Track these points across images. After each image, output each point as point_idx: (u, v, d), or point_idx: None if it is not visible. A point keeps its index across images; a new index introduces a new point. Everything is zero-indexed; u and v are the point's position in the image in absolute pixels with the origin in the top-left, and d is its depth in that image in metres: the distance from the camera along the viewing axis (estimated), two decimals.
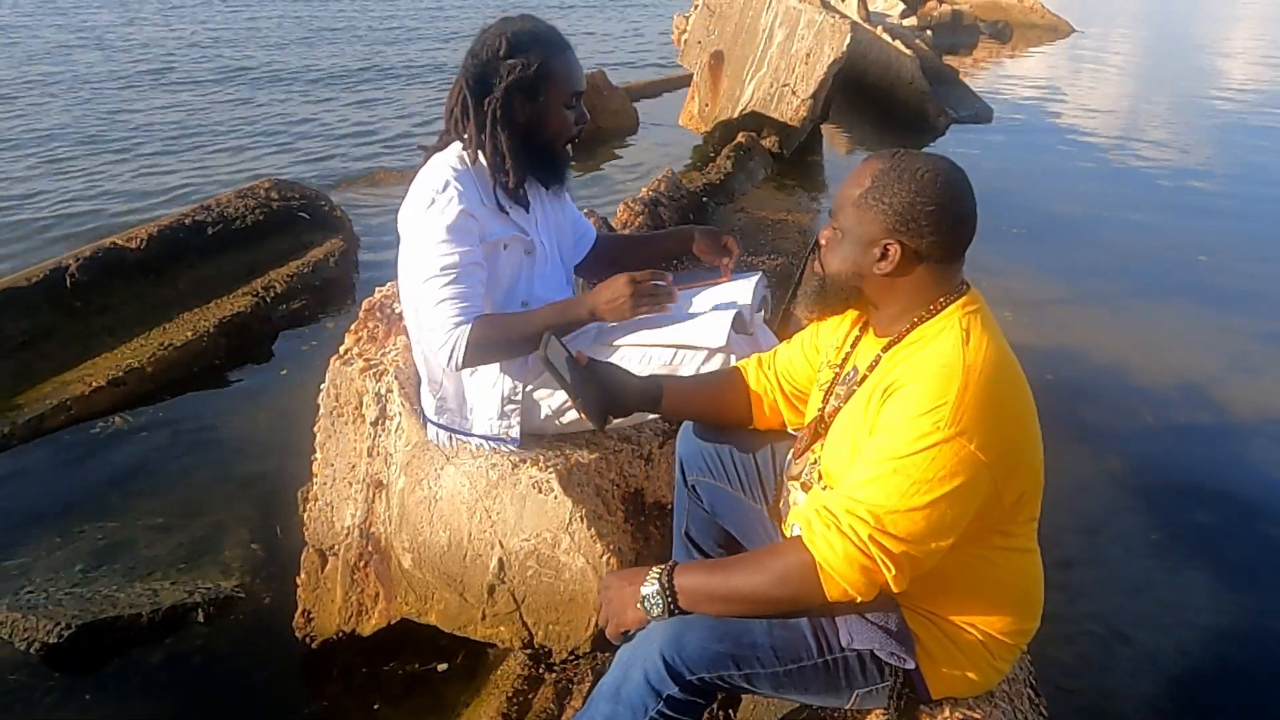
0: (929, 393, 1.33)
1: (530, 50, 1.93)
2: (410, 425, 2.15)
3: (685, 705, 1.47)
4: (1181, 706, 2.38)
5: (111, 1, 15.36)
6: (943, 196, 1.40)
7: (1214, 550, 2.97)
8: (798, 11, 6.75)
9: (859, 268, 1.46)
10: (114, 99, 8.99)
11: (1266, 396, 3.96)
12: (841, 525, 1.33)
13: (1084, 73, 13.23)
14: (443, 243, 1.88)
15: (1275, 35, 18.86)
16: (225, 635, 2.49)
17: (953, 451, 1.30)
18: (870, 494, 1.33)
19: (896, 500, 1.31)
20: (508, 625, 2.17)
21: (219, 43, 12.24)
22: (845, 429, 1.48)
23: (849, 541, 1.32)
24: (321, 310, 4.51)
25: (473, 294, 1.91)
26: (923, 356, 1.40)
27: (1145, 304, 4.92)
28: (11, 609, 2.46)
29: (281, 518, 2.87)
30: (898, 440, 1.33)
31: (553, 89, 1.96)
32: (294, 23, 14.19)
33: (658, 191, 4.60)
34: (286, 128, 8.37)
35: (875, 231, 1.42)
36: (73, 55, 10.99)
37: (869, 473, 1.35)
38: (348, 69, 10.84)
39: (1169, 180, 7.59)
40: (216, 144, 7.74)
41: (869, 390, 1.45)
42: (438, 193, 1.91)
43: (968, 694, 1.51)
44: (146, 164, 7.10)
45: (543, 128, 1.99)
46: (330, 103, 9.27)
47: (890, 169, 1.42)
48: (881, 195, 1.41)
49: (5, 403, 3.54)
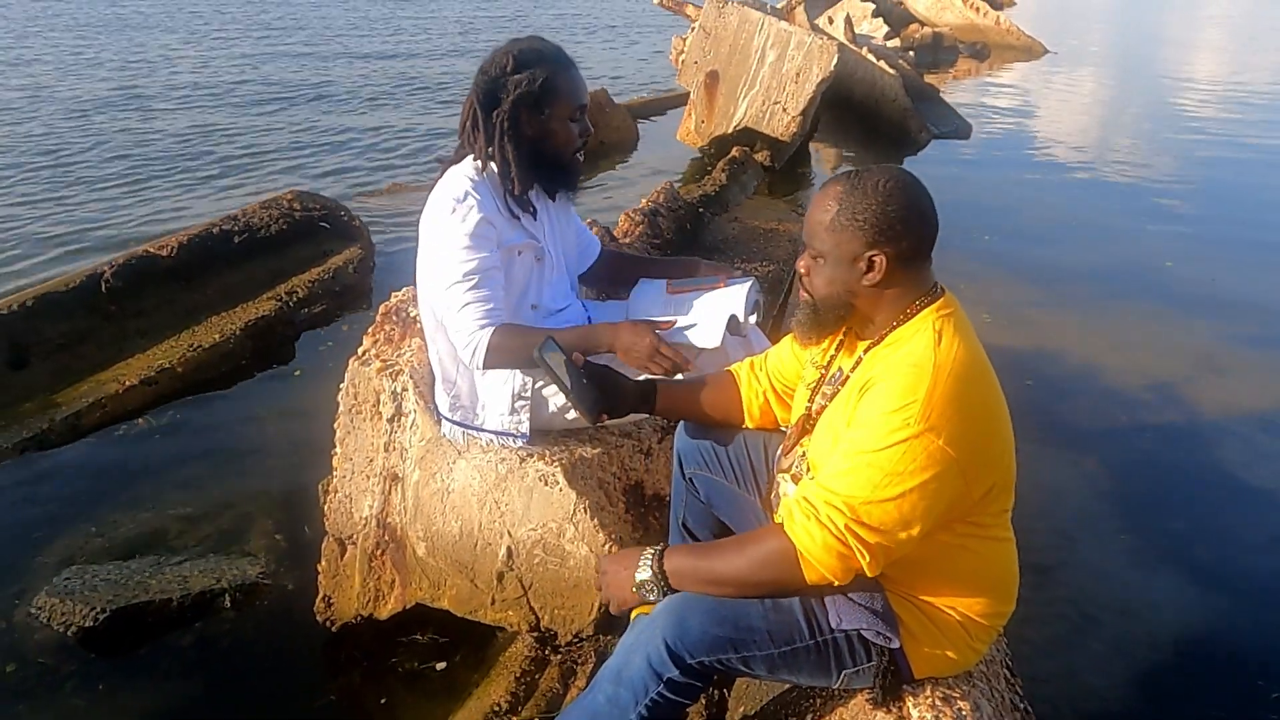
0: (900, 391, 1.34)
1: (535, 66, 1.93)
2: (424, 422, 2.15)
3: (684, 687, 1.47)
4: (1147, 686, 2.38)
5: (154, 26, 15.37)
6: (907, 199, 1.41)
7: (1181, 543, 2.96)
8: (788, 34, 6.75)
9: (848, 285, 1.45)
10: (152, 116, 9.00)
11: (1232, 395, 3.95)
12: (820, 516, 1.34)
13: (1056, 90, 13.22)
14: (465, 249, 1.89)
15: (1233, 57, 18.87)
16: (251, 619, 2.49)
17: (922, 446, 1.31)
18: (845, 485, 1.34)
19: (869, 491, 1.32)
20: (516, 610, 2.17)
21: (245, 66, 12.25)
22: (830, 423, 1.49)
23: (827, 531, 1.33)
24: (341, 314, 4.51)
25: (494, 298, 1.91)
26: (897, 356, 1.40)
27: (1116, 307, 4.91)
28: (50, 595, 2.46)
29: (303, 509, 2.87)
30: (871, 435, 1.34)
31: (557, 103, 1.96)
32: (313, 46, 14.22)
33: (657, 202, 4.59)
34: (309, 142, 8.37)
35: (855, 248, 1.42)
36: (109, 76, 10.99)
37: (844, 465, 1.35)
38: (365, 88, 10.84)
39: (1135, 191, 7.59)
40: (243, 158, 7.75)
41: (852, 388, 1.45)
42: (459, 201, 1.91)
43: (948, 673, 1.51)
44: (178, 176, 7.10)
45: (548, 139, 1.99)
46: (349, 119, 9.27)
47: (852, 188, 1.42)
48: (853, 214, 1.41)
49: (45, 401, 3.54)
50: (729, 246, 4.70)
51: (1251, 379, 4.13)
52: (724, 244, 4.73)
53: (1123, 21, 27.36)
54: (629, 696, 1.47)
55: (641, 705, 1.47)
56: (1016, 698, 1.64)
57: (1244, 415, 3.79)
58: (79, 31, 14.32)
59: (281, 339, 4.20)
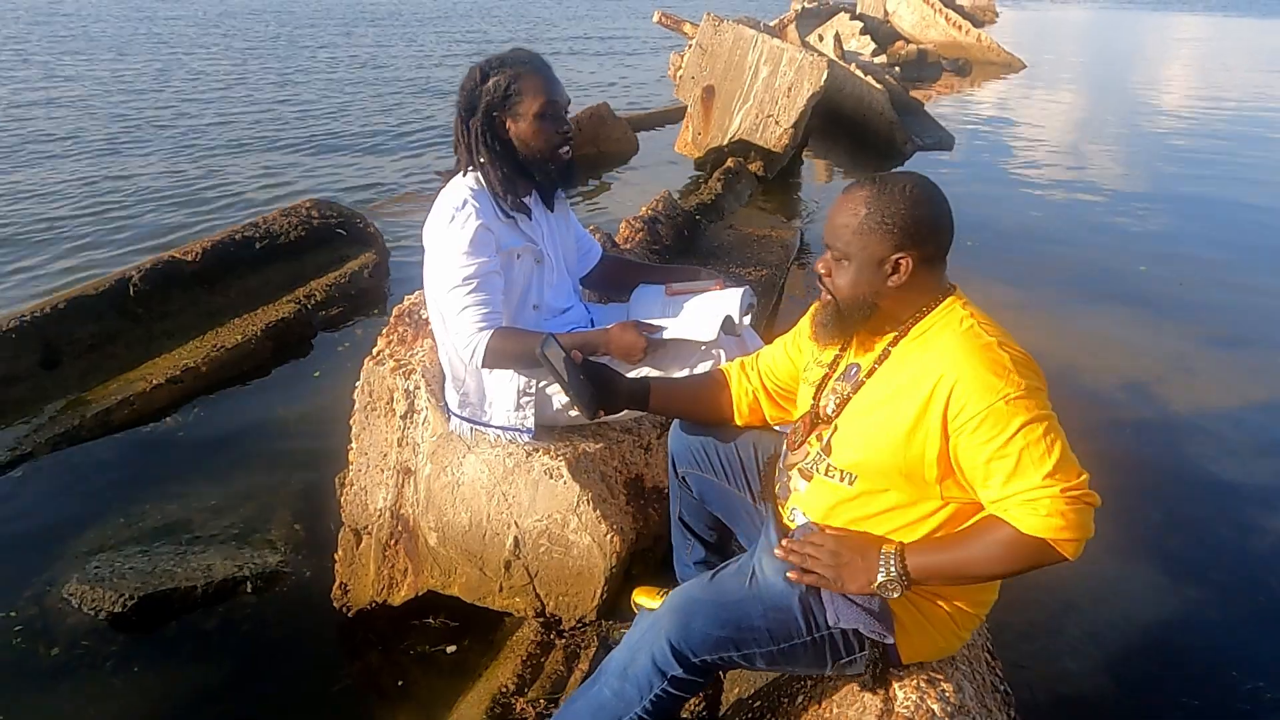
0: (986, 385, 1.32)
1: (500, 71, 1.94)
2: (435, 418, 2.15)
3: (686, 684, 1.48)
4: (1120, 669, 2.38)
5: (188, 47, 15.38)
6: (931, 204, 1.41)
7: (1154, 535, 2.96)
8: (780, 50, 6.75)
9: (874, 286, 1.42)
10: (184, 128, 9.00)
11: (1201, 394, 3.95)
12: (1049, 508, 1.28)
13: (1034, 104, 13.21)
14: (464, 254, 1.89)
15: (1202, 75, 18.87)
16: (271, 605, 2.49)
17: (1032, 402, 1.31)
18: (1026, 475, 1.30)
19: (1042, 465, 1.29)
20: (522, 596, 2.17)
21: (265, 83, 12.26)
22: (866, 419, 1.45)
23: (1065, 508, 1.28)
24: (356, 316, 4.51)
25: (493, 302, 1.92)
26: (950, 347, 1.37)
27: (1091, 309, 4.90)
28: (81, 582, 2.47)
29: (321, 501, 2.87)
30: (1001, 429, 1.30)
31: (526, 101, 1.94)
32: (333, 64, 14.23)
33: (656, 210, 4.60)
34: (327, 152, 8.38)
35: (883, 250, 1.40)
36: (148, 90, 10.99)
37: (1006, 467, 1.31)
38: (380, 104, 10.85)
39: (1110, 199, 7.58)
40: (263, 168, 7.75)
41: (892, 383, 1.42)
42: (457, 210, 1.91)
43: (934, 658, 1.51)
44: (202, 186, 7.11)
45: (524, 139, 1.96)
46: (364, 131, 9.28)
47: (880, 192, 1.41)
48: (882, 217, 1.39)
49: (76, 398, 3.54)
50: (724, 252, 4.70)
51: (1219, 378, 4.13)
52: (719, 250, 4.73)
53: (1097, 40, 27.37)
54: (634, 692, 1.48)
55: (646, 700, 1.48)
56: (997, 680, 1.65)
57: (1213, 412, 3.79)
58: (119, 50, 14.36)
59: (300, 340, 4.20)
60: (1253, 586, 2.70)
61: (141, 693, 2.21)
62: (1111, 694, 2.30)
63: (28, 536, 2.77)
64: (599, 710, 1.52)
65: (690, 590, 1.52)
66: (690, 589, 1.52)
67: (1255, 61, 21.81)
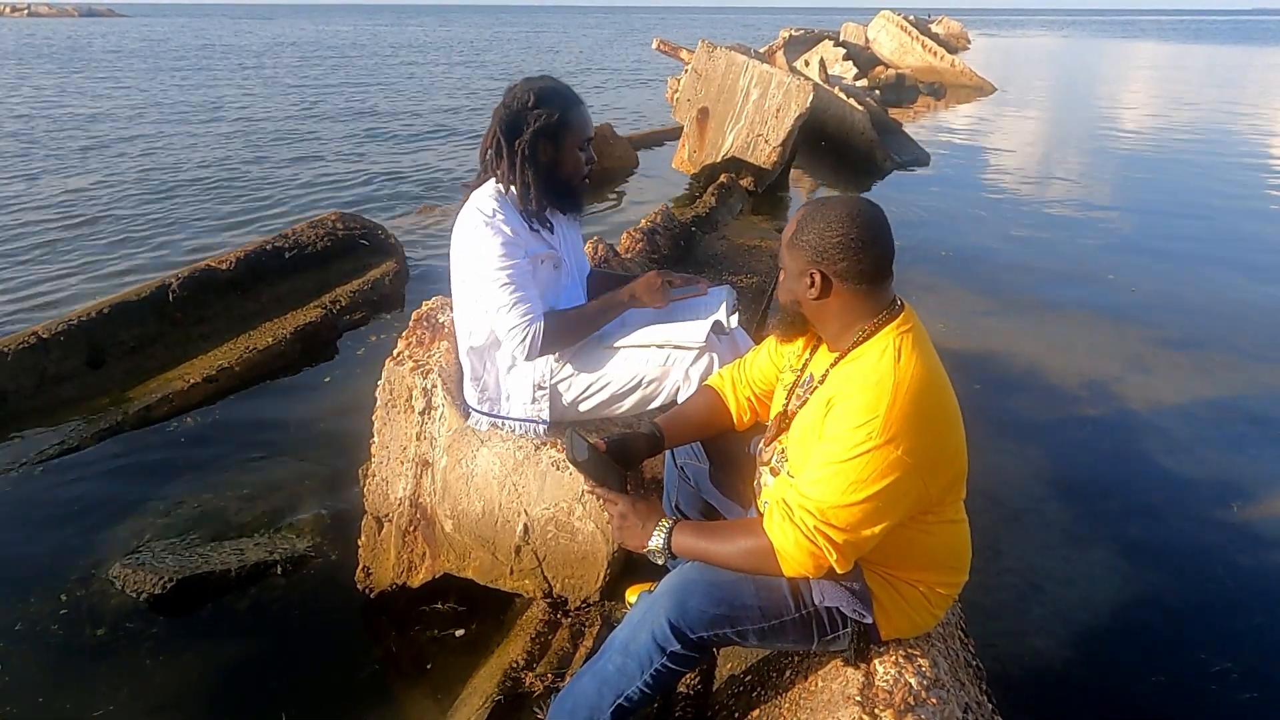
0: (863, 407, 1.32)
1: (553, 103, 1.95)
2: (451, 414, 2.15)
3: (684, 659, 1.48)
4: (1084, 646, 2.38)
5: (230, 72, 15.38)
6: (848, 228, 1.39)
7: (1114, 521, 2.96)
8: (770, 75, 6.75)
9: (795, 296, 1.47)
10: (219, 148, 9.00)
11: (1156, 391, 3.95)
12: (794, 518, 1.34)
13: (1005, 124, 13.21)
14: (501, 257, 1.91)
15: (1162, 98, 18.87)
16: (299, 587, 2.49)
17: (883, 457, 1.30)
18: (816, 491, 1.33)
19: (836, 497, 1.31)
20: (531, 579, 2.17)
21: (292, 105, 12.27)
22: (803, 427, 1.48)
23: (799, 532, 1.33)
24: (377, 320, 4.51)
25: (532, 296, 1.95)
26: (860, 373, 1.38)
27: (1055, 314, 4.90)
28: (124, 566, 2.47)
29: (345, 490, 2.88)
30: (839, 447, 1.33)
31: (569, 135, 1.98)
32: (358, 88, 14.23)
33: (655, 222, 4.60)
34: (351, 168, 8.38)
35: (802, 265, 1.43)
36: (184, 117, 11.00)
37: (816, 474, 1.35)
38: (400, 127, 10.86)
39: (1077, 211, 7.58)
40: (292, 183, 7.75)
41: (820, 399, 1.43)
42: (488, 218, 1.93)
43: (911, 635, 1.52)
44: (237, 200, 7.11)
45: (560, 166, 2.01)
46: (385, 149, 9.28)
47: (809, 213, 1.44)
48: (802, 235, 1.42)
49: (119, 396, 3.55)
50: (718, 261, 4.70)
51: (1173, 376, 4.13)
52: (713, 259, 4.73)
53: (1064, 65, 27.36)
54: (636, 667, 1.48)
55: (647, 674, 1.48)
56: (970, 655, 1.65)
57: (1167, 408, 3.79)
58: (168, 80, 14.34)
59: (326, 342, 4.21)
60: (1202, 569, 2.70)
61: (180, 669, 2.21)
62: (1077, 667, 2.30)
63: (75, 524, 2.78)
64: (603, 684, 1.52)
65: (687, 572, 1.52)
66: (687, 571, 1.53)
67: (1210, 80, 21.81)
